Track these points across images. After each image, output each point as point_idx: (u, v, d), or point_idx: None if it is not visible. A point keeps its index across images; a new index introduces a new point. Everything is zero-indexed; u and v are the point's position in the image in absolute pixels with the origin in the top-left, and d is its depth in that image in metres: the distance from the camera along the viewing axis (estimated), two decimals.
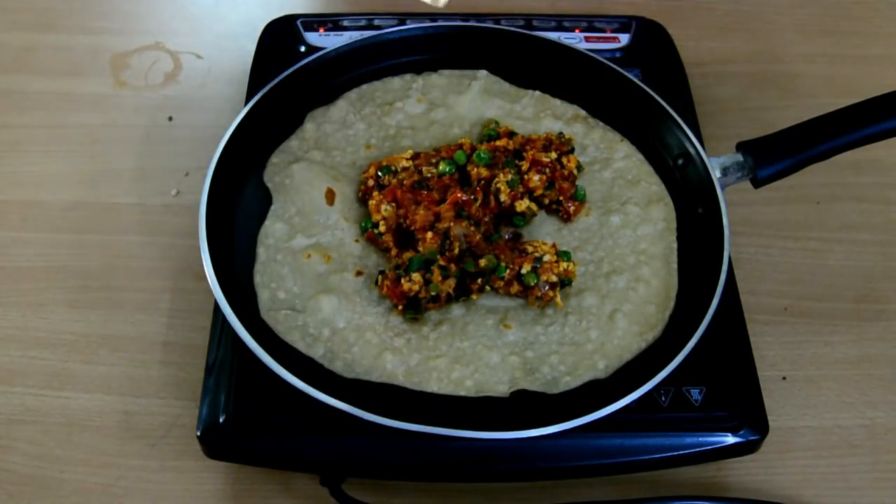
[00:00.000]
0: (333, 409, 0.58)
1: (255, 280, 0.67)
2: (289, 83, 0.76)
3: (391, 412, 0.58)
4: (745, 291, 0.73)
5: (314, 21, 0.87)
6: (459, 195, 0.69)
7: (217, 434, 0.62)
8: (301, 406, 0.59)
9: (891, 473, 0.68)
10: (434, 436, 0.58)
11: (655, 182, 0.75)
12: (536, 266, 0.66)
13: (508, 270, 0.66)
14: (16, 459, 0.66)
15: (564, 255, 0.67)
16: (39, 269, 0.76)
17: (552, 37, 0.83)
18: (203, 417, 0.62)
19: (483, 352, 0.64)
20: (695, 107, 0.82)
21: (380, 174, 0.71)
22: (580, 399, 0.62)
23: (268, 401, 0.62)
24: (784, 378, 0.72)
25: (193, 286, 0.74)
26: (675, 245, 0.71)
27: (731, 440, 0.63)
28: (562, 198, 0.71)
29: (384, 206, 0.69)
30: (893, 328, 0.75)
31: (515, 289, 0.66)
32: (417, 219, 0.68)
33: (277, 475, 0.66)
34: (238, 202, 0.71)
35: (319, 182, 0.72)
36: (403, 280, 0.65)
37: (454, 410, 0.62)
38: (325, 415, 0.59)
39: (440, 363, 0.63)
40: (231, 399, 0.62)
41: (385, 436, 0.59)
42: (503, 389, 0.63)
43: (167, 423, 0.68)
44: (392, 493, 0.65)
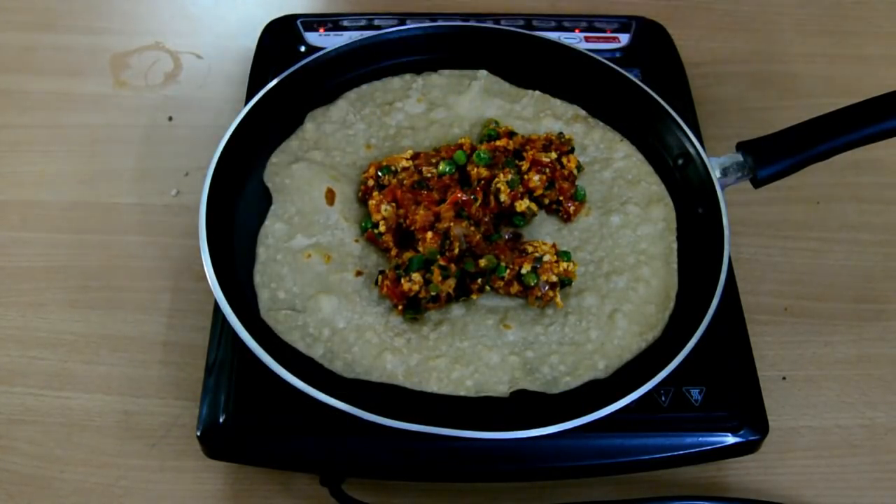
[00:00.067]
0: (333, 409, 0.58)
1: (255, 280, 0.67)
2: (289, 83, 0.76)
3: (391, 412, 0.58)
4: (745, 291, 0.73)
5: (314, 21, 0.87)
6: (459, 195, 0.69)
7: (217, 434, 0.62)
8: (301, 406, 0.59)
9: (891, 473, 0.68)
10: (434, 436, 0.58)
11: (655, 182, 0.74)
12: (536, 266, 0.66)
13: (508, 270, 0.66)
14: (16, 459, 0.66)
15: (564, 255, 0.67)
16: (39, 269, 0.76)
17: (552, 37, 0.83)
18: (203, 417, 0.62)
19: (483, 352, 0.64)
20: (695, 107, 0.82)
21: (380, 174, 0.71)
22: (580, 399, 0.62)
23: (268, 401, 0.62)
24: (784, 378, 0.72)
25: (193, 286, 0.74)
26: (675, 245, 0.71)
27: (731, 440, 0.63)
28: (562, 198, 0.71)
29: (384, 206, 0.69)
30: (893, 328, 0.75)
31: (515, 289, 0.66)
32: (417, 219, 0.68)
33: (277, 475, 0.66)
34: (238, 202, 0.71)
35: (319, 182, 0.72)
36: (403, 280, 0.65)
37: (454, 410, 0.62)
38: (325, 415, 0.59)
39: (440, 363, 0.63)
40: (231, 399, 0.62)
41: (385, 436, 0.59)
42: (503, 389, 0.63)
43: (167, 423, 0.68)
44: (392, 493, 0.65)
